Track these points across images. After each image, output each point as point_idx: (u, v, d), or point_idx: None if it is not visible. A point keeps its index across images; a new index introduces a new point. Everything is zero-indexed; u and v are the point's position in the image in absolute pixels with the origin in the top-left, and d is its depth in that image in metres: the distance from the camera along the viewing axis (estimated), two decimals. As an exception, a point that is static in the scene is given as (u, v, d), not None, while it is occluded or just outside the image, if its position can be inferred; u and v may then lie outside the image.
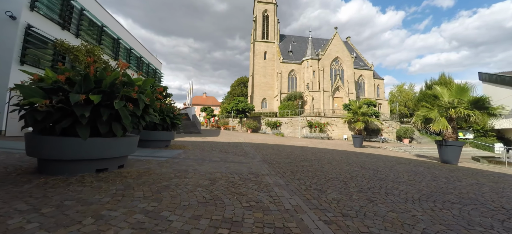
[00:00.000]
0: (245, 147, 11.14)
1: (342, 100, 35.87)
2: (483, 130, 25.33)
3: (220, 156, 7.12)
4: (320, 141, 20.43)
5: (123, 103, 3.59)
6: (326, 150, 12.06)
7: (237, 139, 16.76)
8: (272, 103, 42.13)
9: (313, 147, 13.76)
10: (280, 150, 10.58)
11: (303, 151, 10.83)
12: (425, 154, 14.02)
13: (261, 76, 42.61)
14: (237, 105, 31.05)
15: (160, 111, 7.84)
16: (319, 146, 14.92)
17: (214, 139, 15.57)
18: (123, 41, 20.54)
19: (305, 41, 46.47)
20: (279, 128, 29.93)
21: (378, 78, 43.29)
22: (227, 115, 45.93)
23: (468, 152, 19.77)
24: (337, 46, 37.06)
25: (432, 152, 18.95)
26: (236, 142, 14.28)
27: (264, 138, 20.57)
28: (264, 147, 11.39)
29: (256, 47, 43.37)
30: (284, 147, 12.43)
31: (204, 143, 11.80)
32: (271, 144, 13.76)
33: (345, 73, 36.90)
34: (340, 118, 27.53)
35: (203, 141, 13.29)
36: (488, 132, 25.17)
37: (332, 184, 4.19)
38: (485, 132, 25.29)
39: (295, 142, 16.87)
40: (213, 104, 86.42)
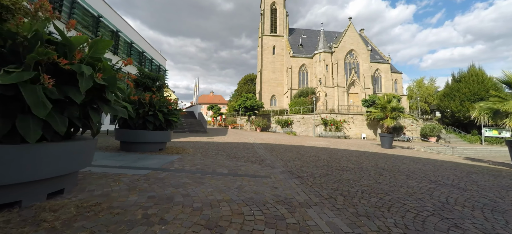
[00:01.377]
0: (258, 149, 9.26)
1: (357, 96, 33.35)
2: (523, 127, 22.37)
3: (228, 164, 5.28)
4: (338, 141, 18.30)
5: (30, 75, 1.78)
6: (354, 152, 10.03)
7: (247, 139, 14.92)
8: (281, 101, 40.05)
9: (336, 148, 11.74)
10: (301, 152, 8.64)
11: (328, 153, 8.87)
12: (473, 156, 11.72)
13: (270, 72, 40.58)
14: (245, 102, 29.24)
15: (150, 104, 6.08)
16: (341, 146, 12.87)
17: (221, 139, 13.80)
18: (123, 34, 19.09)
19: (315, 35, 44.03)
20: (290, 126, 27.90)
21: (395, 72, 40.30)
22: (235, 113, 44.24)
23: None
24: (351, 38, 34.48)
25: (474, 153, 16.52)
26: (246, 142, 12.43)
27: (276, 137, 18.64)
28: (281, 149, 9.48)
29: (264, 41, 41.34)
30: (303, 148, 10.47)
31: (209, 144, 10.02)
32: (287, 145, 11.84)
33: (360, 67, 34.31)
34: (358, 115, 25.20)
35: (208, 142, 11.53)
36: (530, 129, 22.21)
37: (428, 222, 2.27)
38: (526, 129, 22.33)
39: (312, 142, 14.87)
40: (220, 103, 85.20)
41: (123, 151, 6.25)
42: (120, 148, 6.45)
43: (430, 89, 39.49)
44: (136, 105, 5.97)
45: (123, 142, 6.39)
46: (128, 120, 6.00)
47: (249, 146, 10.20)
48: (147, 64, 24.46)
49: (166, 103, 6.52)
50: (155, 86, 7.00)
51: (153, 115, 6.14)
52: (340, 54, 33.63)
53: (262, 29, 41.87)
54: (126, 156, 5.46)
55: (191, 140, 12.43)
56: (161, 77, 7.33)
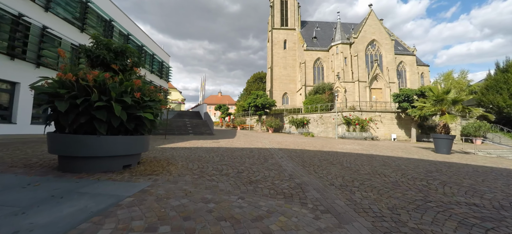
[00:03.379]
0: (280, 159, 6.44)
1: (381, 91, 29.76)
2: None
3: (238, 203, 2.50)
4: (371, 144, 15.15)
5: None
6: (412, 161, 7.02)
7: (260, 142, 12.14)
8: (294, 99, 36.97)
9: (379, 154, 8.72)
10: (346, 165, 5.77)
11: (384, 165, 5.94)
12: None
13: (281, 68, 37.58)
14: (255, 100, 26.49)
15: (100, 90, 3.42)
16: (381, 151, 9.82)
17: (229, 143, 11.08)
18: (117, 24, 16.83)
19: (330, 27, 40.61)
20: (306, 126, 24.85)
21: (421, 65, 36.14)
22: (244, 113, 41.58)
23: None
24: (373, 27, 30.91)
25: None
26: (261, 147, 9.64)
27: (293, 140, 15.73)
28: (312, 159, 6.62)
29: (274, 35, 38.41)
30: (339, 156, 7.55)
31: (212, 152, 7.29)
32: (314, 150, 8.94)
33: (383, 59, 30.65)
34: (386, 112, 21.79)
35: (211, 147, 8.83)
36: None
37: None
38: None
39: (341, 146, 11.88)
40: (229, 103, 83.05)
41: (61, 171, 3.62)
42: (58, 166, 3.82)
43: (462, 84, 35.09)
44: (73, 91, 3.33)
45: (61, 157, 3.76)
46: (60, 117, 3.37)
47: (267, 154, 7.39)
48: (148, 60, 22.24)
49: (134, 89, 3.81)
50: (121, 64, 4.33)
51: (105, 109, 3.44)
52: (360, 45, 30.16)
53: (272, 22, 39.00)
54: (57, 182, 2.80)
55: (190, 144, 9.77)
56: (132, 53, 4.64)
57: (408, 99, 19.05)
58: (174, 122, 22.54)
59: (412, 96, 18.89)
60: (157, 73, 23.65)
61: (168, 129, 20.53)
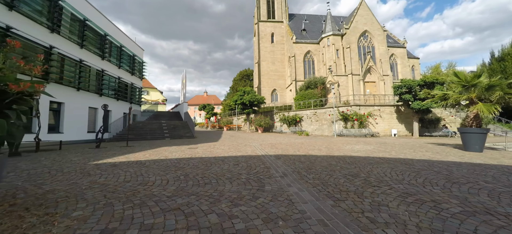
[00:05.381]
0: (282, 178, 3.86)
1: (375, 85, 28.31)
2: None
3: None
4: (376, 142, 13.13)
5: None
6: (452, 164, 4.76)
7: (249, 147, 9.57)
8: (284, 95, 34.74)
9: (413, 158, 6.49)
10: (404, 187, 3.27)
11: (473, 185, 3.49)
12: None
13: (269, 63, 35.16)
14: (242, 97, 23.87)
15: None
16: (407, 153, 7.67)
17: (209, 149, 8.40)
18: (68, 6, 13.44)
19: (319, 20, 38.84)
20: (299, 124, 22.64)
21: (412, 58, 35.32)
22: (230, 113, 38.82)
23: None
24: (364, 18, 29.35)
25: None
26: (250, 155, 7.09)
27: (288, 140, 13.34)
28: (332, 173, 4.14)
29: (261, 28, 35.90)
30: (368, 164, 5.20)
31: (174, 168, 4.58)
32: (322, 156, 6.54)
33: (376, 51, 29.20)
34: (386, 106, 20.07)
35: (179, 159, 6.14)
36: None
37: None
38: None
39: (353, 147, 9.65)
40: (215, 103, 79.77)
41: None
42: None
43: (443, 78, 34.72)
44: None
45: None
46: None
47: (260, 168, 4.83)
48: (114, 52, 18.85)
49: None
50: None
51: None
52: (352, 36, 28.49)
53: (258, 14, 36.49)
54: None
55: (151, 156, 7.00)
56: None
57: (411, 91, 17.35)
58: (147, 125, 19.36)
59: (415, 88, 17.21)
60: (127, 68, 20.30)
61: (139, 133, 17.41)
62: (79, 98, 14.38)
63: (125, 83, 19.83)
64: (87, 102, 15.15)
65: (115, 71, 18.58)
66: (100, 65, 16.54)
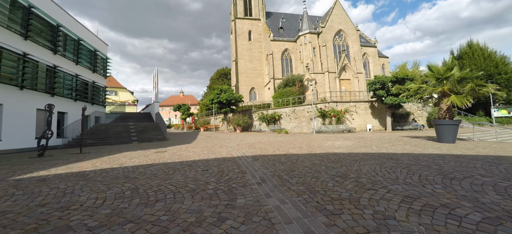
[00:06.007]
0: (260, 185, 3.05)
1: (349, 82, 29.14)
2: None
3: None
4: (355, 137, 13.08)
5: None
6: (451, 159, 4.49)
7: (225, 148, 8.69)
8: (262, 94, 34.22)
9: (395, 152, 6.20)
10: (401, 189, 2.67)
11: (471, 179, 3.02)
12: None
13: (247, 61, 34.36)
14: (219, 96, 22.72)
15: None
16: (387, 147, 7.44)
17: (179, 152, 7.32)
18: (2, -14, 11.15)
19: (295, 19, 39.08)
20: (278, 122, 22.24)
21: (382, 57, 37.33)
22: (208, 112, 37.30)
23: None
24: (339, 17, 30.08)
25: None
26: (224, 157, 6.22)
27: (267, 139, 12.71)
28: (319, 175, 3.46)
29: (237, 25, 34.92)
30: (354, 162, 4.70)
31: (124, 179, 3.51)
32: (304, 155, 5.94)
33: (350, 50, 30.11)
34: (361, 102, 20.53)
35: (139, 166, 5.05)
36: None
37: None
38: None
39: (333, 143, 9.28)
40: (191, 103, 76.91)
41: None
42: None
43: (415, 74, 37.40)
44: None
45: None
46: None
47: (234, 173, 3.98)
48: (70, 46, 16.47)
49: None
50: None
51: None
52: (328, 35, 28.97)
53: (234, 11, 35.47)
54: None
55: (103, 164, 5.80)
56: None
57: (384, 86, 17.88)
58: (112, 128, 17.31)
59: (388, 84, 17.77)
60: (86, 65, 17.95)
61: (101, 137, 15.41)
62: (23, 98, 12.11)
63: (84, 81, 17.50)
64: (34, 103, 12.86)
65: (72, 67, 16.26)
66: (51, 60, 14.22)
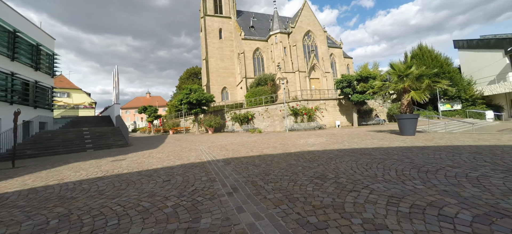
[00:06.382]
0: (231, 196, 2.53)
1: (318, 81, 30.29)
2: (472, 98, 23.11)
3: None
4: (326, 133, 13.35)
5: None
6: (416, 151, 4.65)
7: (194, 151, 7.96)
8: (235, 93, 33.55)
9: (367, 147, 6.30)
10: (384, 188, 2.44)
11: (447, 173, 2.96)
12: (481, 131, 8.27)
13: (218, 60, 33.30)
14: (188, 96, 21.43)
15: None
16: (357, 142, 7.60)
17: (140, 159, 6.37)
18: None
19: (266, 19, 39.29)
20: (251, 122, 21.93)
21: (347, 58, 39.78)
22: (177, 114, 35.27)
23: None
24: (308, 18, 31.05)
25: (471, 127, 14.04)
26: (192, 162, 5.59)
27: (241, 140, 12.24)
28: (297, 177, 3.10)
29: (207, 23, 33.62)
30: (330, 160, 4.51)
31: (45, 207, 2.59)
32: (279, 155, 5.63)
33: (319, 50, 31.32)
34: (330, 100, 21.36)
35: (80, 181, 4.09)
36: (477, 99, 23.07)
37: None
38: (474, 100, 23.13)
39: (306, 141, 9.20)
40: (159, 105, 72.42)
41: None
42: None
43: (376, 73, 40.74)
44: None
45: None
46: None
47: (201, 183, 3.39)
48: (2, 39, 13.69)
49: None
50: None
51: None
52: (297, 35, 29.65)
53: (204, 8, 34.08)
54: None
55: (37, 180, 4.70)
56: None
57: (350, 85, 18.83)
58: (60, 134, 14.96)
59: (353, 82, 18.76)
60: (26, 61, 15.21)
61: (47, 146, 13.13)
62: None
63: (24, 81, 14.78)
64: None
65: (6, 64, 13.59)
66: (-28, 55, 11.67)
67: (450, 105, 24.85)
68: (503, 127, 14.05)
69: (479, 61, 24.49)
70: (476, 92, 23.26)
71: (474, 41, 25.05)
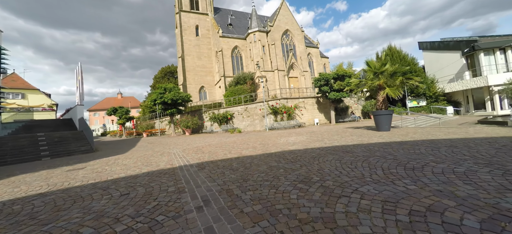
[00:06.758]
0: (202, 214, 2.00)
1: (297, 80, 30.64)
2: (435, 95, 25.12)
3: None
4: (306, 131, 13.30)
5: None
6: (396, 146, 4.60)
7: (166, 156, 7.24)
8: (213, 93, 32.52)
9: (347, 144, 6.19)
10: (374, 191, 2.12)
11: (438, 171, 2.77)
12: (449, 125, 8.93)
13: (195, 58, 31.97)
14: (162, 96, 20.09)
15: None
16: (337, 139, 7.53)
17: (99, 170, 5.48)
18: None
19: (244, 17, 38.76)
20: (230, 121, 21.32)
21: (324, 57, 40.94)
22: (152, 115, 33.24)
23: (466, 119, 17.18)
24: (286, 17, 31.20)
25: (436, 121, 15.08)
26: (160, 169, 4.91)
27: (219, 141, 11.65)
28: (278, 183, 2.68)
29: (183, 19, 32.06)
30: (313, 160, 4.21)
31: None
32: (259, 156, 5.25)
33: (297, 49, 31.66)
34: (309, 98, 21.59)
35: (12, 201, 3.18)
36: (439, 96, 25.13)
37: None
38: (437, 97, 25.16)
39: (287, 139, 8.95)
40: (133, 106, 68.09)
41: None
42: None
43: (351, 72, 42.59)
44: None
45: None
46: None
47: (166, 194, 2.78)
48: None
49: None
50: None
51: None
52: (276, 34, 29.63)
53: (179, 3, 32.44)
54: None
55: None
56: None
57: (327, 83, 19.18)
58: (10, 141, 12.96)
59: (330, 80, 19.13)
60: (-43, 56, 12.95)
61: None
62: None
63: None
64: None
65: None
66: None
67: (416, 102, 26.72)
68: (462, 121, 15.34)
69: (441, 62, 26.70)
70: (438, 90, 25.32)
71: (436, 43, 27.23)
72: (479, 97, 22.65)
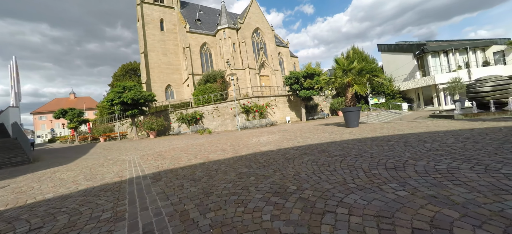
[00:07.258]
0: None
1: (268, 78, 30.58)
2: (393, 92, 27.46)
3: None
4: (278, 130, 13.03)
5: None
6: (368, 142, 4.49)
7: (120, 165, 6.12)
8: (181, 92, 30.50)
9: (321, 142, 5.94)
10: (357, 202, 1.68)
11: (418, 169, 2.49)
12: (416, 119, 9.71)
13: (160, 55, 29.51)
14: (121, 95, 17.88)
15: None
16: (310, 137, 7.31)
17: (23, 189, 4.19)
18: None
19: (214, 13, 37.31)
20: (200, 122, 20.12)
21: (293, 57, 41.83)
22: (110, 117, 29.91)
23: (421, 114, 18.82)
24: (256, 15, 30.84)
25: (398, 116, 16.18)
26: (108, 182, 3.91)
27: (186, 143, 10.64)
28: (242, 193, 2.08)
29: (146, 11, 29.29)
30: (287, 161, 3.73)
31: None
32: (228, 159, 4.61)
33: (267, 48, 31.58)
34: (280, 96, 21.57)
35: None
36: (396, 94, 27.56)
37: None
38: (394, 94, 27.55)
39: (259, 139, 8.46)
40: (89, 107, 60.98)
41: None
42: None
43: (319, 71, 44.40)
44: None
45: None
46: None
47: (94, 229, 2.00)
48: None
49: None
50: None
51: None
52: (246, 31, 29.08)
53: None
54: None
55: None
56: None
57: (298, 81, 19.37)
58: None
59: (301, 78, 19.35)
60: None
61: None
62: None
63: None
64: None
65: None
66: None
67: (377, 99, 28.89)
68: (416, 116, 16.77)
69: (396, 62, 29.32)
70: (395, 88, 27.76)
71: (392, 46, 29.80)
72: (428, 94, 25.45)
